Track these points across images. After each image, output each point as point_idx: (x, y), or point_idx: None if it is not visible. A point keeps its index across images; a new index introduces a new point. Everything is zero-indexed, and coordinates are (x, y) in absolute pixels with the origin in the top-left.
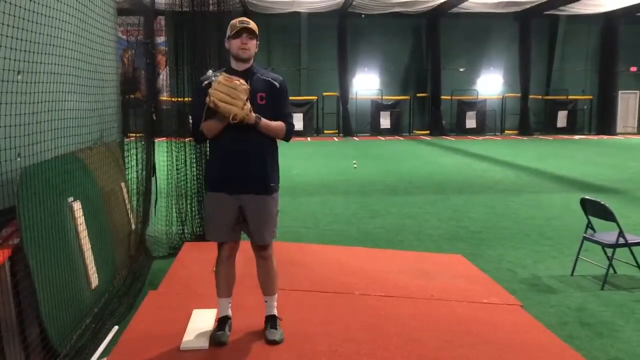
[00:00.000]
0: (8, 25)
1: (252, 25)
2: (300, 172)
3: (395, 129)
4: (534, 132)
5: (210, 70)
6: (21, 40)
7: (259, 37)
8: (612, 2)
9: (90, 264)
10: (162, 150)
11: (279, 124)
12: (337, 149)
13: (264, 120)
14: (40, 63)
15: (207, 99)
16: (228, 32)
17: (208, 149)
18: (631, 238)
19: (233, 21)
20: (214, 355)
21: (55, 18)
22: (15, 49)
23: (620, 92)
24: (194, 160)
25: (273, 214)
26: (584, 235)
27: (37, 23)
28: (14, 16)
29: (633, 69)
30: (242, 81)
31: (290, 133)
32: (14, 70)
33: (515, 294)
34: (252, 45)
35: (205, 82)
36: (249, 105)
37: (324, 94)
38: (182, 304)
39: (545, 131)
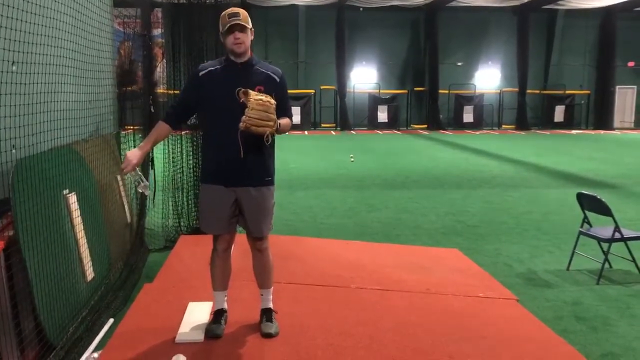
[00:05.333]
0: (2, 15)
1: (243, 16)
2: (297, 165)
3: (393, 123)
4: (531, 126)
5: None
6: (16, 30)
7: (252, 26)
8: None
9: (85, 256)
10: (159, 143)
11: (288, 122)
12: (335, 143)
13: (281, 124)
14: (36, 54)
15: (241, 124)
16: (220, 27)
17: (202, 141)
18: (627, 233)
19: (223, 14)
20: (209, 348)
21: (51, 8)
22: (10, 39)
23: (617, 87)
24: (190, 153)
25: (269, 205)
26: (580, 229)
27: (32, 13)
28: (8, 6)
29: (631, 64)
30: (270, 98)
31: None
32: (8, 61)
33: (511, 288)
34: (246, 37)
35: (202, 72)
36: (277, 120)
37: (322, 87)
38: (177, 296)
39: (543, 126)
